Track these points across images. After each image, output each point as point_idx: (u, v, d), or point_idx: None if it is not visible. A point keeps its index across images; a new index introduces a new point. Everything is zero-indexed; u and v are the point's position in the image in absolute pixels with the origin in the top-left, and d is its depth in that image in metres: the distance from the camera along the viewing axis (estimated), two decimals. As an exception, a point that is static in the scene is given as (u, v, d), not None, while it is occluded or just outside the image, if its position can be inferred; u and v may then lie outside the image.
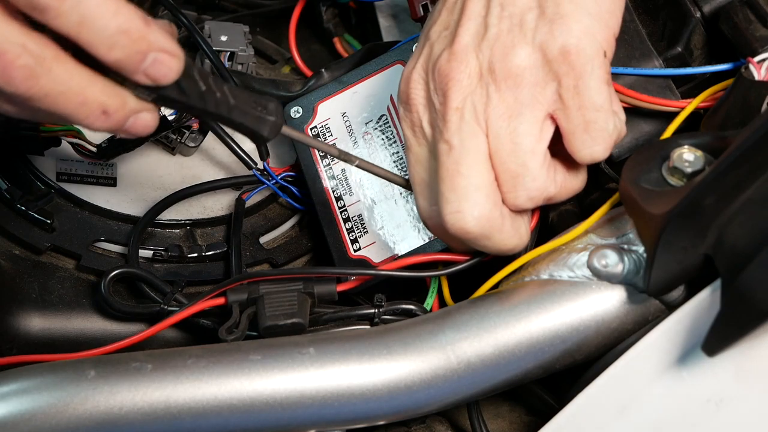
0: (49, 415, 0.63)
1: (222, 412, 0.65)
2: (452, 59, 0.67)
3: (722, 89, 0.72)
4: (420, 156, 0.70)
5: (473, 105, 0.67)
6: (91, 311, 0.81)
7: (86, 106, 0.61)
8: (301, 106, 0.88)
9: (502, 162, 0.67)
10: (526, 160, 0.67)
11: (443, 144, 0.68)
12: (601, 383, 0.65)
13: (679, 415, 0.63)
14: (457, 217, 0.67)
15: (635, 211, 0.66)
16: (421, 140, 0.70)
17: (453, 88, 0.67)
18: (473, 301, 0.70)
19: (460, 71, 0.67)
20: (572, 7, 0.66)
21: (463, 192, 0.67)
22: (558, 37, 0.66)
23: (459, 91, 0.67)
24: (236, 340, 0.72)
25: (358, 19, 0.99)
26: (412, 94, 0.70)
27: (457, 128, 0.67)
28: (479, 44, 0.67)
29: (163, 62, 0.61)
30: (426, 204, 0.71)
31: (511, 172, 0.67)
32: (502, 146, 0.67)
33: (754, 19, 0.74)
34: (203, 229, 0.87)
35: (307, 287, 0.76)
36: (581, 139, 0.67)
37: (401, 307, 0.76)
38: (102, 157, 0.84)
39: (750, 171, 0.59)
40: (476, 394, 0.68)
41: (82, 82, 0.61)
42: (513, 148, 0.67)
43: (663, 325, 0.64)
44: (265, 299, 0.75)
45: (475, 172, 0.67)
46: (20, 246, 0.82)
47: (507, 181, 0.68)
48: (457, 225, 0.68)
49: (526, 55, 0.67)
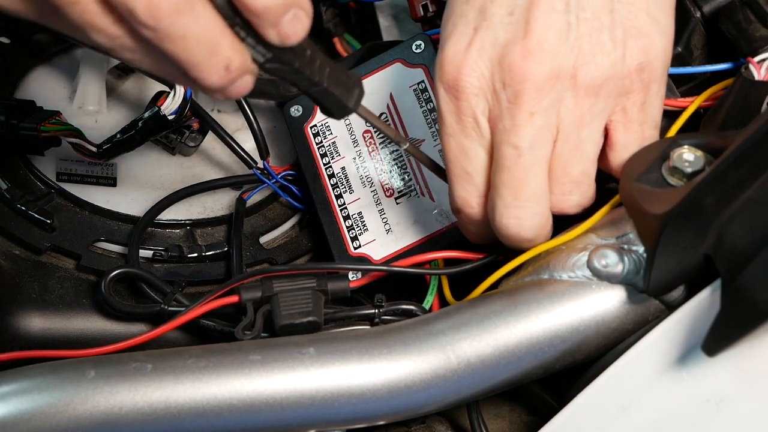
0: (49, 415, 0.63)
1: (222, 412, 0.65)
2: (530, 58, 0.63)
3: (724, 87, 0.73)
4: (466, 147, 0.67)
5: (547, 110, 0.64)
6: (91, 311, 0.81)
7: (214, 58, 0.57)
8: (301, 105, 0.88)
9: (566, 168, 0.66)
10: (588, 168, 0.67)
11: (509, 147, 0.65)
12: (601, 383, 0.65)
13: (679, 415, 0.63)
14: (516, 223, 0.67)
15: (635, 211, 0.66)
16: (470, 132, 0.67)
17: (529, 90, 0.63)
18: (473, 301, 0.70)
19: (539, 73, 0.63)
20: (648, 22, 0.65)
21: (526, 201, 0.66)
22: (636, 52, 0.65)
23: (536, 95, 0.64)
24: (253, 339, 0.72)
25: (358, 19, 0.99)
26: (466, 80, 0.65)
27: (529, 134, 0.64)
28: (561, 45, 0.64)
29: (300, 19, 0.57)
30: (468, 197, 0.69)
31: (573, 178, 0.67)
32: (569, 153, 0.66)
33: (754, 19, 0.74)
34: (203, 229, 0.87)
35: (320, 284, 0.76)
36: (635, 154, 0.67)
37: (401, 307, 0.76)
38: (102, 157, 0.84)
39: (750, 171, 0.59)
40: (476, 394, 0.68)
41: (217, 31, 0.56)
42: (579, 156, 0.66)
43: (663, 325, 0.64)
44: (279, 297, 0.74)
45: (541, 181, 0.66)
46: (20, 246, 0.82)
47: (564, 186, 0.67)
48: (512, 230, 0.67)
49: (607, 66, 0.65)
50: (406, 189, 0.83)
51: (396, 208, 0.82)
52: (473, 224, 0.71)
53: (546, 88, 0.64)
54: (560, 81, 0.64)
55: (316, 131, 0.87)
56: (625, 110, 0.67)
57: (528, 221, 0.67)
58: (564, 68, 0.64)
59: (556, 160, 0.66)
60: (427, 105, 0.84)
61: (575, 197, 0.68)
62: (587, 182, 0.68)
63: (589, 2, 0.64)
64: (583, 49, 0.64)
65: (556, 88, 0.64)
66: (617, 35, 0.65)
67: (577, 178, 0.67)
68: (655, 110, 0.67)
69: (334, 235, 0.83)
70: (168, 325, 0.74)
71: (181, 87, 0.83)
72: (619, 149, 0.68)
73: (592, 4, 0.64)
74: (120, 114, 0.91)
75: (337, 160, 0.85)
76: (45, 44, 0.93)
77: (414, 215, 0.82)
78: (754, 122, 0.60)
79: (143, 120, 0.83)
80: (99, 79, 0.90)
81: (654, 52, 0.66)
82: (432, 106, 0.84)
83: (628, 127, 0.67)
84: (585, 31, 0.64)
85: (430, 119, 0.84)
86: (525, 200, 0.66)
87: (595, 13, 0.65)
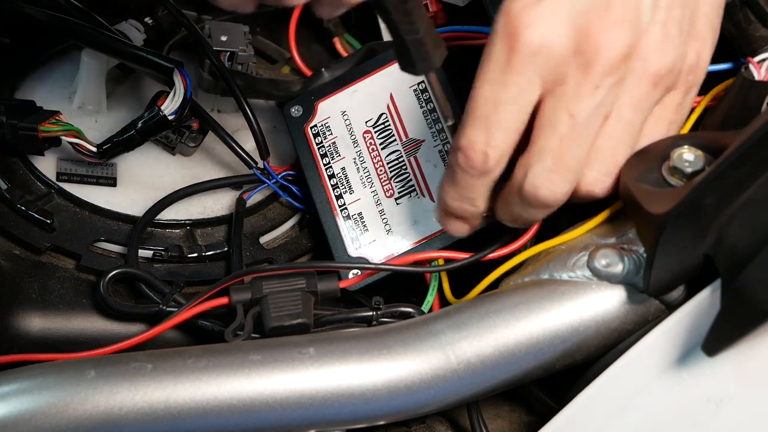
0: (49, 415, 0.63)
1: (222, 412, 0.65)
2: (608, 31, 0.63)
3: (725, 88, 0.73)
4: (501, 99, 0.65)
5: (612, 87, 0.64)
6: (91, 311, 0.81)
7: None
8: (301, 105, 0.88)
9: (614, 148, 0.66)
10: (629, 153, 0.67)
11: (565, 114, 0.64)
12: (601, 383, 0.65)
13: (679, 415, 0.64)
14: (548, 188, 0.66)
15: (635, 211, 0.66)
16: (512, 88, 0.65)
17: (602, 62, 0.63)
18: (473, 300, 0.70)
19: (616, 49, 0.63)
20: (706, 26, 0.67)
21: (566, 168, 0.65)
22: (692, 53, 0.67)
23: (607, 69, 0.64)
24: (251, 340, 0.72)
25: (358, 19, 0.99)
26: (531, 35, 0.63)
27: (588, 105, 0.64)
28: (636, 28, 0.64)
29: None
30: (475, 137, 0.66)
31: (616, 161, 0.66)
32: (619, 135, 0.66)
33: (754, 19, 0.74)
34: (203, 229, 0.87)
35: (310, 285, 0.76)
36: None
37: (399, 309, 0.76)
38: (102, 157, 0.84)
39: (750, 171, 0.59)
40: (476, 394, 0.68)
41: None
42: (627, 140, 0.66)
43: (663, 325, 0.64)
44: (269, 299, 0.75)
45: (582, 153, 0.66)
46: (20, 246, 0.82)
47: (607, 166, 0.67)
48: (542, 193, 0.66)
49: (671, 60, 0.66)
50: (406, 189, 0.83)
51: (396, 208, 0.82)
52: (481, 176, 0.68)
53: (617, 65, 0.64)
54: (631, 62, 0.65)
55: (316, 131, 0.87)
56: (663, 105, 0.67)
57: (560, 188, 0.66)
58: (637, 50, 0.65)
59: (607, 139, 0.66)
60: (428, 105, 0.84)
61: (608, 181, 0.67)
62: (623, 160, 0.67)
63: None
64: (655, 37, 0.65)
65: (625, 67, 0.64)
66: (684, 30, 0.66)
67: (619, 164, 0.67)
68: (685, 113, 0.69)
69: (335, 236, 0.83)
70: (158, 328, 0.74)
71: (181, 87, 0.82)
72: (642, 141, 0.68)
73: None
74: (120, 114, 0.91)
75: (337, 161, 0.85)
76: (45, 44, 0.93)
77: (414, 216, 0.82)
78: (754, 122, 0.60)
79: (143, 120, 0.83)
80: (99, 79, 0.90)
81: (704, 56, 0.68)
82: (432, 106, 0.84)
83: (659, 122, 0.67)
84: (660, 19, 0.65)
85: (431, 119, 0.84)
86: (565, 168, 0.65)
87: (670, 3, 0.66)
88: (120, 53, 0.87)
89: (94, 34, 0.86)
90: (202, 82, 0.91)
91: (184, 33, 0.95)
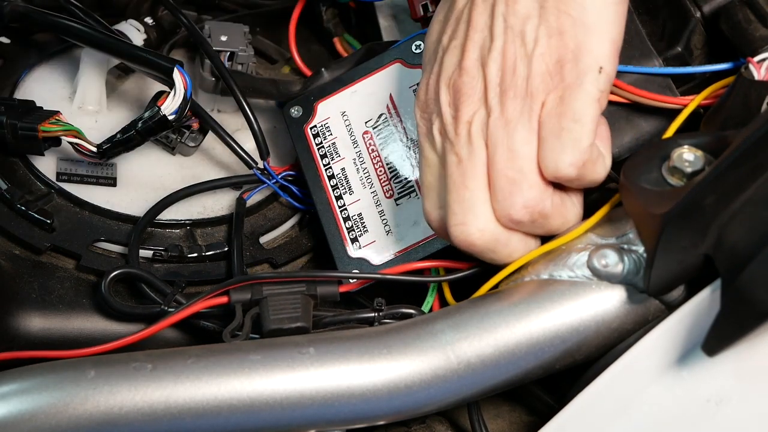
0: (49, 415, 0.63)
1: (222, 412, 0.65)
2: (463, 74, 0.69)
3: (724, 86, 0.72)
4: (430, 161, 0.72)
5: (481, 119, 0.68)
6: (91, 311, 0.81)
7: None
8: (301, 106, 0.88)
9: (499, 170, 0.67)
10: (523, 165, 0.67)
11: (452, 156, 0.69)
12: (601, 383, 0.65)
13: (679, 415, 0.63)
14: (462, 230, 0.68)
15: (635, 211, 0.66)
16: (431, 147, 0.72)
17: (464, 103, 0.69)
18: (473, 301, 0.70)
19: (471, 87, 0.69)
20: (570, 23, 0.67)
21: (469, 205, 0.68)
22: (555, 51, 0.67)
23: (469, 106, 0.69)
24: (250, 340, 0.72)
25: (358, 19, 0.99)
26: (429, 103, 0.71)
27: (466, 142, 0.68)
28: (486, 58, 0.69)
29: None
30: (433, 208, 0.72)
31: (508, 178, 0.67)
32: (499, 155, 0.67)
33: (754, 18, 0.74)
34: (203, 229, 0.87)
35: (310, 289, 0.76)
36: (551, 145, 0.67)
37: (401, 311, 0.76)
38: (102, 157, 0.84)
39: (750, 171, 0.59)
40: (476, 394, 0.68)
41: None
42: (510, 156, 0.67)
43: (663, 325, 0.64)
44: (268, 301, 0.75)
45: (482, 185, 0.68)
46: (20, 246, 0.82)
47: (504, 189, 0.67)
48: (461, 237, 0.69)
49: (524, 68, 0.67)
50: (406, 190, 0.83)
51: (396, 209, 0.82)
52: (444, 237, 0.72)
53: (480, 100, 0.69)
54: (489, 91, 0.68)
55: (316, 132, 0.87)
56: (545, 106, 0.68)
57: (474, 227, 0.68)
58: (490, 78, 0.68)
59: (491, 166, 0.68)
60: (427, 105, 0.84)
61: (519, 198, 0.67)
62: (528, 182, 0.67)
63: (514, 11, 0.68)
64: (505, 58, 0.68)
65: (487, 97, 0.68)
66: (539, 37, 0.67)
67: (514, 178, 0.67)
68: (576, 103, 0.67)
69: (335, 237, 0.83)
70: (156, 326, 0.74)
71: (181, 87, 0.82)
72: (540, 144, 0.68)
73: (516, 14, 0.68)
74: (120, 114, 0.91)
75: (337, 161, 0.85)
76: (45, 44, 0.93)
77: (414, 216, 0.82)
78: (754, 122, 0.60)
79: (143, 120, 0.83)
80: (99, 79, 0.90)
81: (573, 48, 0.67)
82: (432, 106, 0.84)
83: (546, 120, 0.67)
84: (509, 40, 0.68)
85: (430, 119, 0.84)
86: (467, 205, 0.68)
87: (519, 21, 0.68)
88: (120, 53, 0.87)
89: (94, 34, 0.86)
90: (202, 82, 0.91)
91: (184, 33, 0.95)
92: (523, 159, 0.67)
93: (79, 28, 0.87)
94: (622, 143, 0.75)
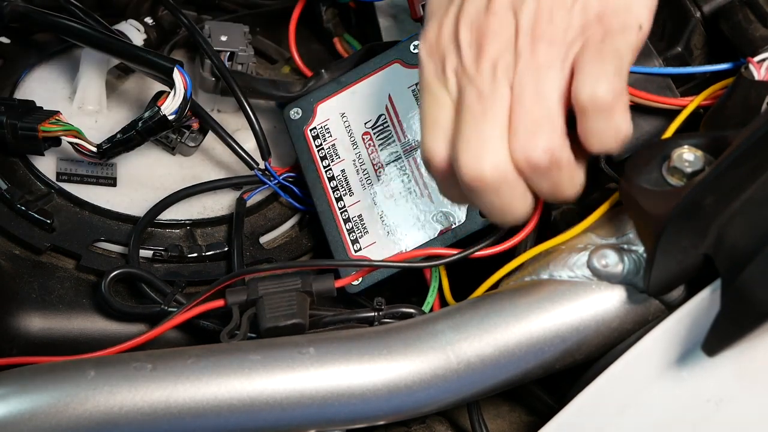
0: (49, 415, 0.63)
1: (222, 412, 0.65)
2: (490, 16, 0.67)
3: (724, 87, 0.72)
4: (441, 101, 0.69)
5: (506, 61, 0.66)
6: (91, 311, 0.81)
7: None
8: (301, 108, 0.88)
9: (525, 111, 0.66)
10: (551, 108, 0.66)
11: (472, 90, 0.67)
12: (601, 383, 0.65)
13: (679, 415, 0.63)
14: (475, 162, 0.66)
15: (635, 211, 0.66)
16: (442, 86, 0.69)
17: (489, 43, 0.67)
18: (473, 301, 0.70)
19: (499, 28, 0.67)
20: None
21: (487, 137, 0.66)
22: (597, 5, 0.66)
23: (495, 46, 0.67)
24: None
25: (358, 19, 0.99)
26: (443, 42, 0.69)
27: (490, 78, 0.66)
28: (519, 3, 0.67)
29: None
30: (438, 146, 0.69)
31: (534, 119, 0.66)
32: (526, 96, 0.66)
33: (754, 18, 0.74)
34: (203, 229, 0.87)
35: (305, 285, 0.76)
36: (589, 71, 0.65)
37: (401, 310, 0.76)
38: (102, 157, 0.84)
39: (750, 171, 0.59)
40: (476, 394, 0.68)
41: None
42: (538, 99, 0.66)
43: (663, 325, 0.64)
44: (264, 300, 0.75)
45: (501, 123, 0.66)
46: (20, 246, 0.82)
47: (528, 129, 0.66)
48: (473, 169, 0.66)
49: (561, 19, 0.66)
50: (405, 191, 0.83)
51: (396, 210, 0.82)
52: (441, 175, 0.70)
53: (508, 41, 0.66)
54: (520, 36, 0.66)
55: (315, 134, 0.87)
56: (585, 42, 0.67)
57: (489, 160, 0.65)
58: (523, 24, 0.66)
59: (517, 105, 0.66)
60: (427, 105, 0.84)
61: (542, 140, 0.65)
62: (553, 124, 0.66)
63: None
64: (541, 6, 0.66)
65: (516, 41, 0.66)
66: None
67: (540, 118, 0.65)
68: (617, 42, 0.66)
69: (335, 239, 0.83)
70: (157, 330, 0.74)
71: (181, 87, 0.82)
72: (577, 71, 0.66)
73: None
74: (120, 114, 0.91)
75: (336, 163, 0.85)
76: (45, 44, 0.93)
77: (414, 217, 0.82)
78: (754, 122, 0.60)
79: (143, 120, 0.83)
80: (99, 79, 0.90)
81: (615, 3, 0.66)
82: (432, 106, 0.84)
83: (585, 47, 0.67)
84: None
85: (430, 120, 0.84)
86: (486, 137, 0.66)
87: None
88: (120, 53, 0.87)
89: (94, 34, 0.86)
90: (202, 82, 0.91)
91: (184, 33, 0.95)
92: (551, 102, 0.66)
93: (79, 28, 0.87)
94: (622, 144, 0.74)
